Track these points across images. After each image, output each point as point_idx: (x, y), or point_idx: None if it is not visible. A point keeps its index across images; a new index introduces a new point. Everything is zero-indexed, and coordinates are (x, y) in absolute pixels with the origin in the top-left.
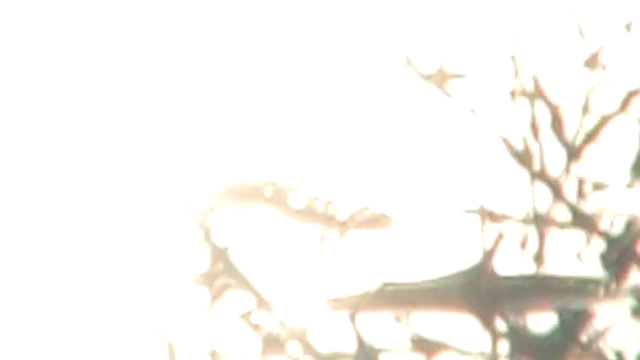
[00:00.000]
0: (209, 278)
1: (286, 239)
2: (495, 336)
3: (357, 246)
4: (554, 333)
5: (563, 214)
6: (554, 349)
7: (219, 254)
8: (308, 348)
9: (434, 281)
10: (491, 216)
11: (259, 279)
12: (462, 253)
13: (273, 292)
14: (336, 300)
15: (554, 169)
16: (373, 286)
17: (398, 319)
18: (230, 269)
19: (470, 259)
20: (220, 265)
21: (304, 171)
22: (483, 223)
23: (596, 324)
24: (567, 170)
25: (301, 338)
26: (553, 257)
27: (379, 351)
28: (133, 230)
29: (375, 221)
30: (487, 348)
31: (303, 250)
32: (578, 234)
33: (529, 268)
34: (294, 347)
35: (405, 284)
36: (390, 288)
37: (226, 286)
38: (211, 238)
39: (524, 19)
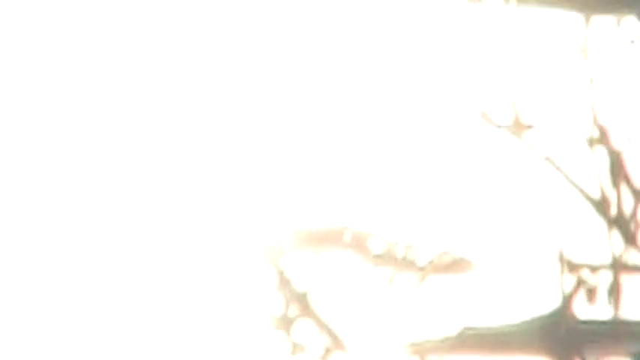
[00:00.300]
0: (287, 323)
1: (365, 284)
2: None
3: (436, 290)
4: None
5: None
6: None
7: (298, 299)
8: None
9: (514, 326)
10: (570, 262)
11: (338, 324)
12: (541, 297)
13: (351, 337)
14: (416, 345)
15: (629, 215)
16: (453, 330)
17: None
18: (308, 314)
19: (549, 304)
20: (298, 310)
21: (383, 216)
22: (562, 269)
23: None
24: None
25: None
26: (631, 302)
27: None
28: (209, 274)
29: (455, 266)
30: None
31: (382, 295)
32: None
33: (607, 313)
34: None
35: (485, 329)
36: (470, 332)
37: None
38: (289, 283)
39: (598, 66)
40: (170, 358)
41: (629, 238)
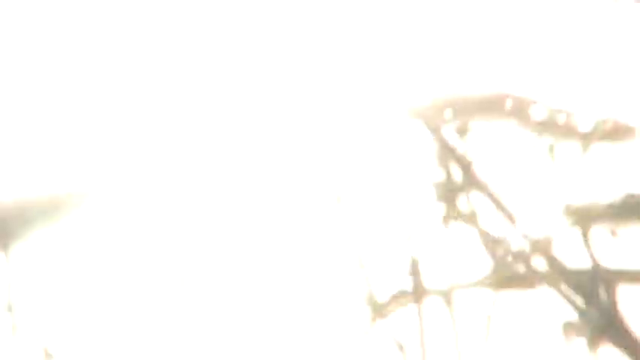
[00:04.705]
0: (451, 193)
1: (527, 153)
2: None
3: (599, 158)
4: None
5: None
6: None
7: (463, 168)
8: (552, 261)
9: None
10: None
11: (502, 194)
12: None
13: (515, 206)
14: (579, 212)
15: None
16: (616, 198)
17: (613, 233)
18: (474, 184)
19: None
20: (464, 180)
21: (544, 83)
22: None
23: None
24: None
25: (545, 251)
26: None
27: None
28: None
29: (618, 132)
30: None
31: (544, 164)
32: None
33: None
34: (538, 261)
35: None
36: (634, 199)
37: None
38: (455, 152)
39: None
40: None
41: None
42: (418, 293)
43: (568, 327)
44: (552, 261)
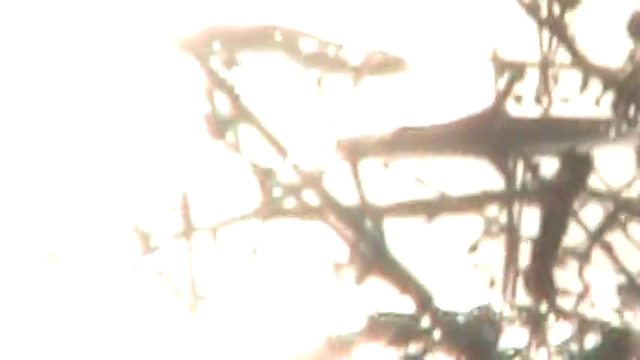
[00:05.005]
0: (222, 126)
1: (296, 85)
2: (508, 179)
3: (370, 91)
4: (563, 175)
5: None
6: (564, 192)
7: (232, 100)
8: (322, 195)
9: (447, 125)
10: (502, 60)
11: (272, 125)
12: (474, 97)
13: (285, 138)
14: (348, 146)
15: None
16: (387, 131)
17: (386, 165)
18: (244, 115)
19: (482, 104)
20: (234, 112)
21: (314, 14)
22: (495, 67)
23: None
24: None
25: (316, 185)
26: (564, 100)
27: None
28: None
29: (389, 65)
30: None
31: (314, 97)
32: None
33: (539, 111)
34: (308, 194)
35: (418, 129)
36: (405, 133)
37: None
38: (223, 84)
39: None
40: None
41: (558, 38)
42: (187, 227)
43: (339, 261)
44: (323, 194)
